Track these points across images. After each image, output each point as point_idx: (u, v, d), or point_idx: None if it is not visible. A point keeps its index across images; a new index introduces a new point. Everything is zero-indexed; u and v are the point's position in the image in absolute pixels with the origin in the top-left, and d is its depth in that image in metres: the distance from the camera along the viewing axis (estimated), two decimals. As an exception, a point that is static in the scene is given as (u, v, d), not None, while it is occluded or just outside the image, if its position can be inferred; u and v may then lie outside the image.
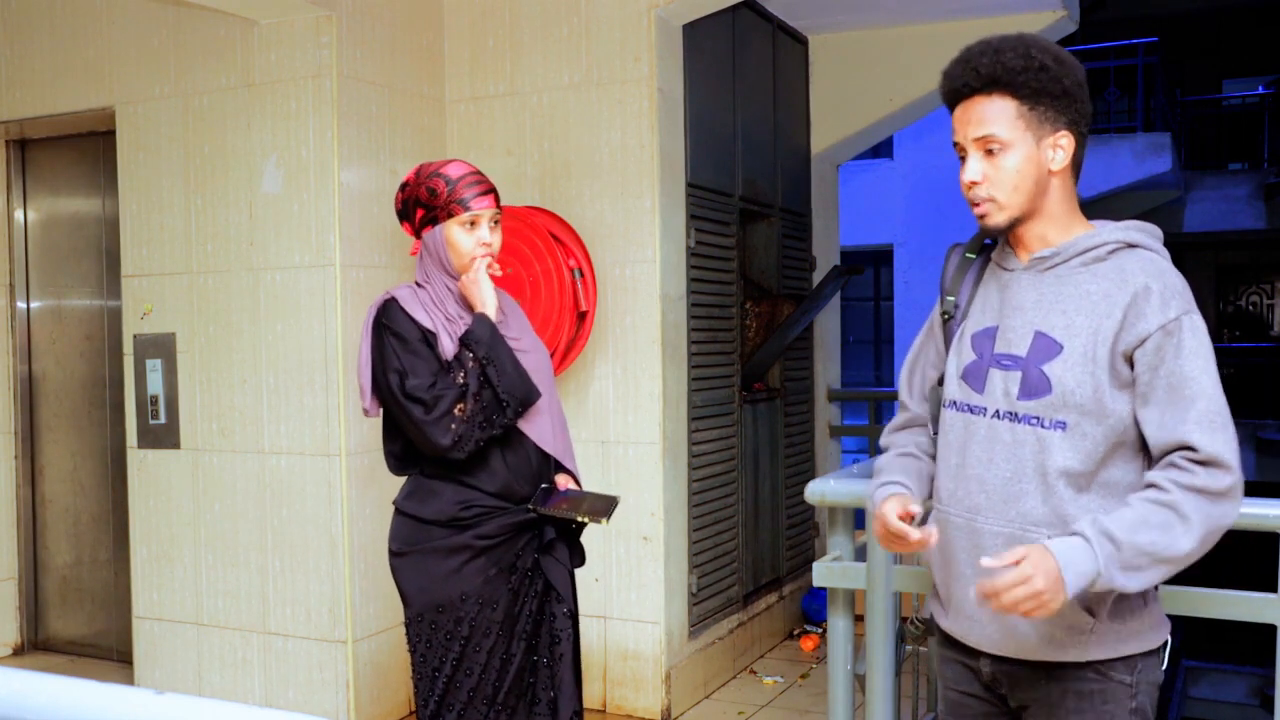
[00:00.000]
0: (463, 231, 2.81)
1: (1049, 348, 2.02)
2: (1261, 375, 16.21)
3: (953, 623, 2.20)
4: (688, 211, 4.87)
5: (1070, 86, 2.03)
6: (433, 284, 2.86)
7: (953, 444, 2.16)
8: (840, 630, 3.19)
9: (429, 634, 2.82)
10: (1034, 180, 2.05)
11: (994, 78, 2.02)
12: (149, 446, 4.87)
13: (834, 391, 6.73)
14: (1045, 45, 2.05)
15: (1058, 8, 5.67)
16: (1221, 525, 1.93)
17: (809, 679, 5.25)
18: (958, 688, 2.26)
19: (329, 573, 4.47)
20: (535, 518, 2.88)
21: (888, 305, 15.07)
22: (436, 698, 2.82)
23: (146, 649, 4.93)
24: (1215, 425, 1.93)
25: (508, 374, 2.77)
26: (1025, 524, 2.03)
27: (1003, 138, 2.03)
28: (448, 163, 2.86)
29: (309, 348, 4.47)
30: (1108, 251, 2.04)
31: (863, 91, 6.23)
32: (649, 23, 4.63)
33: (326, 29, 4.39)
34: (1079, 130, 2.07)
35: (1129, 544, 1.89)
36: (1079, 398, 1.98)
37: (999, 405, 2.07)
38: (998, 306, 2.13)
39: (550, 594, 2.93)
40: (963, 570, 2.13)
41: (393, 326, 2.77)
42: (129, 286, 4.91)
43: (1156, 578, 1.94)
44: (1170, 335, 1.94)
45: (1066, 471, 2.00)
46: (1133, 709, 2.06)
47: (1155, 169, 12.75)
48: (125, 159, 4.90)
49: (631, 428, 4.69)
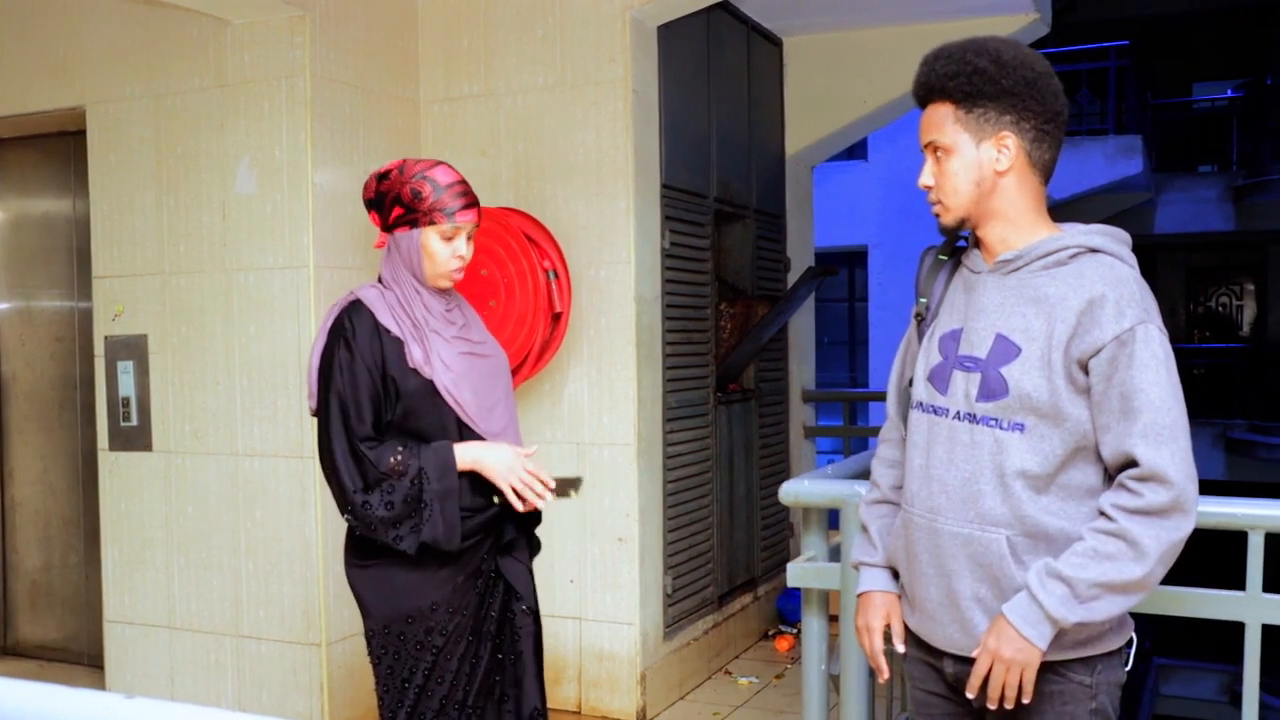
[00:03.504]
0: (440, 241, 2.74)
1: (1008, 350, 2.03)
2: (1231, 375, 16.35)
3: (917, 622, 2.22)
4: (662, 213, 4.87)
5: (1011, 86, 2.04)
6: (400, 285, 2.78)
7: (918, 444, 2.18)
8: (815, 630, 3.19)
9: (396, 645, 2.76)
10: (975, 182, 2.08)
11: (930, 86, 2.11)
12: (120, 449, 4.83)
13: (808, 392, 6.75)
14: (990, 48, 2.07)
15: (1030, 10, 5.71)
16: (1175, 540, 1.95)
17: (784, 679, 5.26)
18: (924, 687, 2.28)
19: (303, 575, 4.44)
20: (498, 518, 2.83)
21: (862, 306, 15.12)
22: (407, 709, 2.76)
23: (118, 653, 4.90)
24: (1162, 438, 1.93)
25: (439, 527, 2.67)
26: (984, 524, 2.05)
27: (944, 143, 2.09)
28: (435, 166, 2.77)
29: (282, 349, 4.45)
30: (1069, 255, 2.04)
31: (837, 93, 6.25)
32: (624, 24, 4.63)
33: (300, 29, 4.37)
34: (1028, 129, 2.06)
35: (1081, 579, 1.94)
36: (1036, 401, 1.99)
37: (960, 407, 2.09)
38: (964, 309, 2.14)
39: (511, 593, 2.89)
40: (925, 570, 2.15)
41: (351, 337, 2.70)
42: (100, 287, 4.87)
43: (1124, 604, 1.98)
44: (1124, 345, 1.95)
45: (1024, 473, 2.01)
46: (1093, 709, 2.08)
47: (1126, 171, 12.85)
48: (96, 159, 4.86)
49: (606, 429, 4.68)
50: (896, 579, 2.30)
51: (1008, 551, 2.02)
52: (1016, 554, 2.03)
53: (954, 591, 2.10)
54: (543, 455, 3.16)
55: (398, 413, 2.74)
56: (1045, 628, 1.96)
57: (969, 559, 2.07)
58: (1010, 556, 2.02)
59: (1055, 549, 2.01)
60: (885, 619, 2.30)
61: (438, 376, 2.74)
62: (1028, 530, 2.02)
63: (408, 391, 2.73)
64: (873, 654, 2.31)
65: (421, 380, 2.73)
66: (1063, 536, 2.01)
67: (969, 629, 2.09)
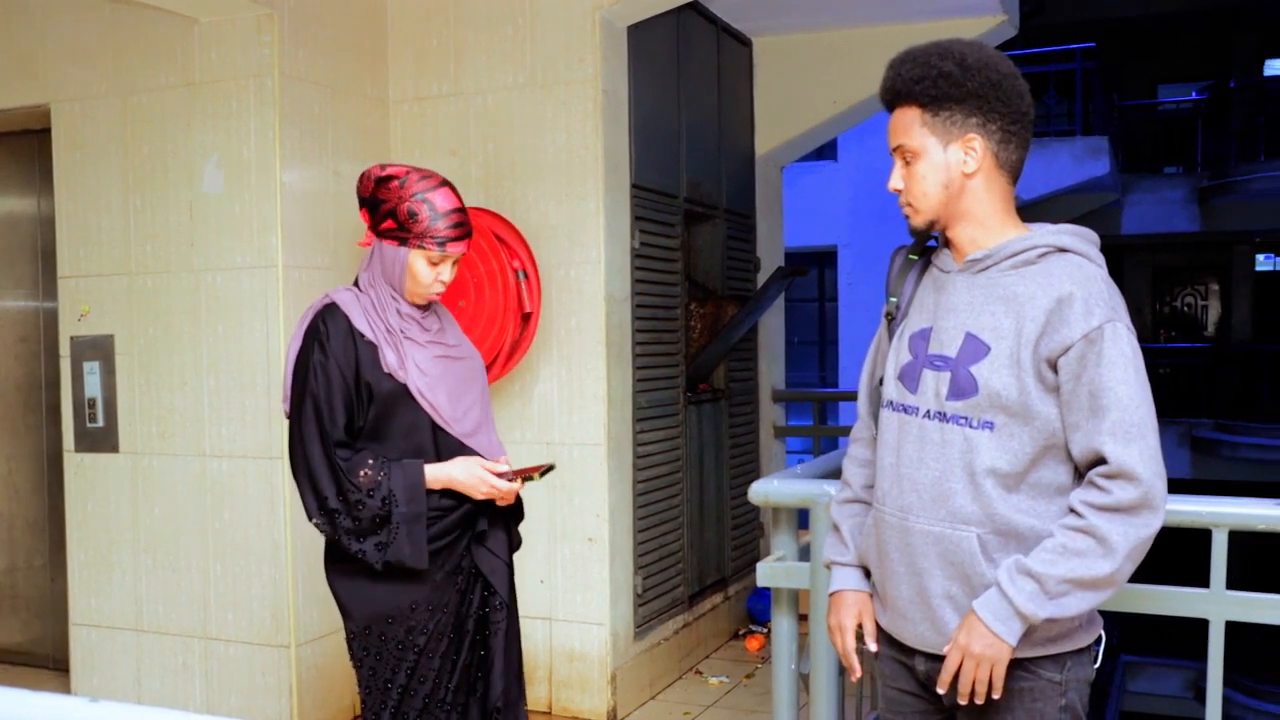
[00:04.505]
0: (426, 266, 2.76)
1: (977, 349, 2.04)
2: (1196, 375, 16.50)
3: (889, 621, 2.23)
4: (632, 213, 4.87)
5: (977, 89, 2.05)
6: (377, 291, 2.79)
7: (889, 443, 2.19)
8: (784, 630, 3.20)
9: (378, 646, 2.78)
10: (944, 184, 2.09)
11: (896, 90, 2.12)
12: (86, 450, 4.79)
13: (778, 392, 6.77)
14: (955, 51, 2.08)
15: (998, 12, 5.74)
16: (1144, 537, 1.97)
17: (754, 679, 5.27)
18: (894, 684, 2.29)
19: (272, 576, 4.42)
20: (475, 513, 2.85)
21: (832, 306, 15.17)
22: (390, 709, 2.78)
23: (84, 656, 4.85)
24: (1130, 436, 1.95)
25: (405, 549, 2.70)
26: (955, 522, 2.06)
27: (912, 146, 2.11)
28: (438, 188, 2.76)
29: (251, 349, 4.42)
30: (1037, 255, 2.05)
31: (807, 94, 6.27)
32: (594, 24, 4.63)
33: (268, 28, 4.35)
34: (994, 130, 2.07)
35: (1050, 576, 1.96)
36: (1005, 399, 2.01)
37: (930, 405, 2.10)
38: (934, 308, 2.15)
39: (488, 587, 2.91)
40: (896, 568, 2.16)
41: (325, 340, 2.72)
42: (65, 287, 4.83)
43: (1093, 600, 1.99)
44: (1092, 344, 1.96)
45: (994, 471, 2.03)
46: (1063, 706, 2.09)
47: (1093, 172, 12.94)
48: (61, 158, 4.82)
49: (576, 429, 4.68)
50: (868, 578, 2.31)
51: (978, 549, 2.04)
52: (987, 552, 2.04)
53: (925, 590, 2.11)
54: (512, 455, 3.16)
55: (370, 416, 2.75)
56: (1015, 624, 1.97)
57: (940, 557, 2.08)
58: (981, 554, 2.04)
59: (1026, 547, 2.02)
60: (857, 618, 2.31)
61: (412, 381, 2.76)
62: (998, 528, 2.03)
63: (381, 395, 2.74)
64: (845, 653, 2.32)
65: (396, 384, 2.75)
66: (1033, 534, 2.02)
67: (940, 627, 2.10)
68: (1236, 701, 13.04)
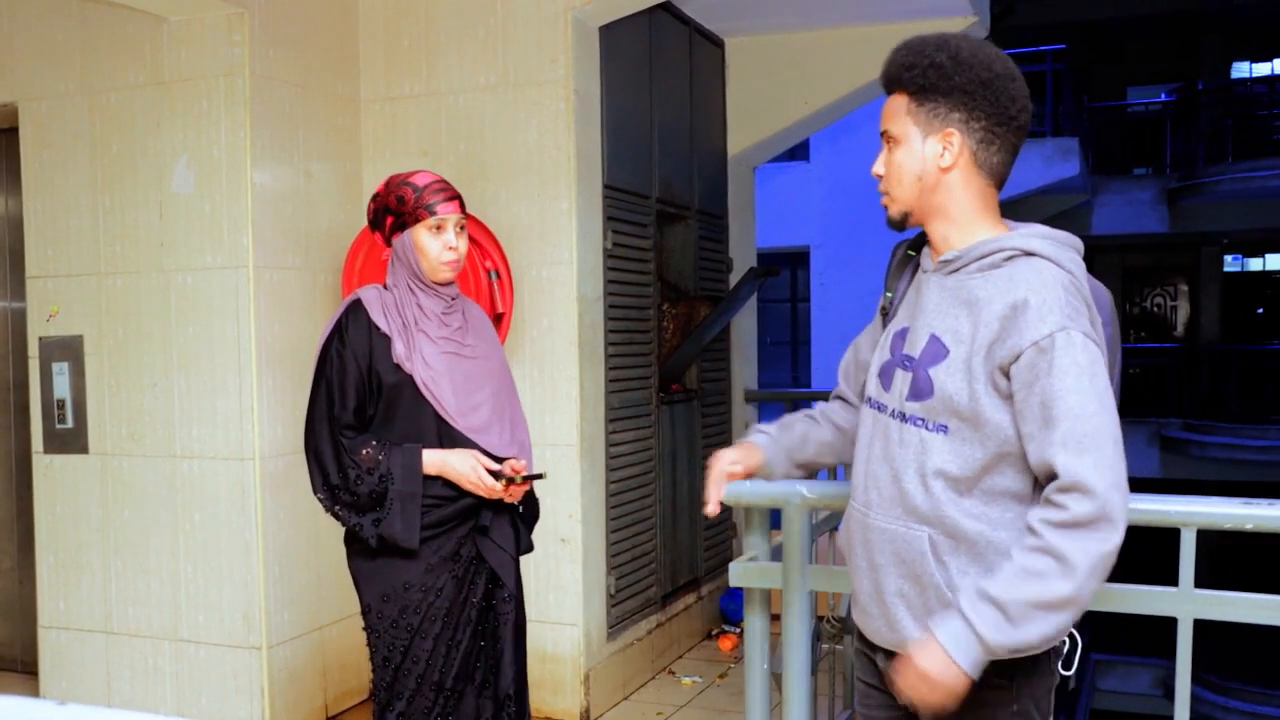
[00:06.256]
0: (430, 236, 2.96)
1: (938, 352, 2.03)
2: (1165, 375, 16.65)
3: (856, 615, 2.25)
4: (604, 213, 4.87)
5: (964, 84, 2.02)
6: (398, 287, 3.01)
7: (862, 439, 2.20)
8: (757, 630, 3.20)
9: (376, 623, 2.99)
10: (918, 175, 2.07)
11: (890, 76, 2.12)
12: (55, 451, 4.75)
13: (751, 392, 6.78)
14: (952, 44, 2.06)
15: (969, 14, 5.77)
16: (1104, 552, 1.89)
17: (727, 679, 5.28)
18: (864, 679, 2.31)
19: (243, 578, 4.40)
20: (474, 505, 3.01)
21: (804, 307, 15.20)
22: (386, 685, 2.98)
23: (53, 659, 4.81)
24: (1083, 447, 1.88)
25: (397, 525, 2.93)
26: (909, 521, 2.05)
27: (895, 132, 2.10)
28: (414, 173, 3.03)
29: (222, 350, 4.40)
30: (1004, 258, 2.01)
31: (779, 94, 6.29)
32: (565, 24, 4.63)
33: (238, 26, 4.33)
34: (977, 129, 2.04)
35: (1012, 600, 1.89)
36: (956, 404, 1.98)
37: (895, 405, 2.10)
38: (913, 307, 2.15)
39: (495, 579, 3.09)
40: (859, 563, 2.18)
41: (345, 332, 2.95)
42: (34, 288, 4.79)
43: (1057, 622, 1.91)
44: (1044, 352, 1.90)
45: (943, 473, 2.01)
46: (1014, 712, 2.07)
47: (1064, 173, 13.03)
48: (29, 157, 4.78)
49: (549, 429, 4.68)
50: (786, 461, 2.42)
51: (929, 549, 2.02)
52: (937, 553, 2.03)
53: (881, 586, 2.12)
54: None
55: (380, 405, 2.98)
56: (975, 652, 1.91)
57: (894, 554, 2.08)
58: (931, 554, 2.02)
59: (975, 551, 2.00)
60: (739, 457, 2.39)
61: (417, 372, 2.96)
62: (948, 530, 2.01)
63: (389, 385, 2.96)
64: (714, 478, 2.39)
65: (403, 375, 2.96)
66: (982, 539, 2.00)
67: (894, 624, 2.10)
68: (1205, 699, 13.17)
